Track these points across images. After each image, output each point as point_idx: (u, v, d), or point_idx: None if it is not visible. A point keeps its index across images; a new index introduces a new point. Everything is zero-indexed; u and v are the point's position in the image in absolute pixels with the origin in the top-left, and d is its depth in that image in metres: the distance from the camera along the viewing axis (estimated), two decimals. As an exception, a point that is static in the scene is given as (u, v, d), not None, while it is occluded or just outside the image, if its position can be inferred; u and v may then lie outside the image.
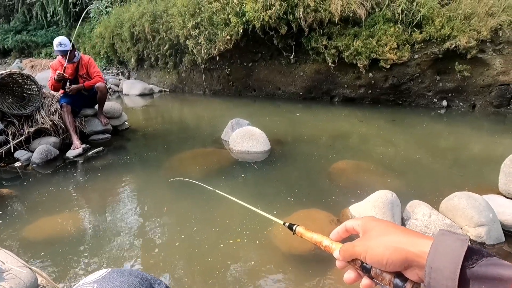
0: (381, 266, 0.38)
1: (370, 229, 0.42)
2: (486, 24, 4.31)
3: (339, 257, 0.44)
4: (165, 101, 6.86)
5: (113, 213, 2.13)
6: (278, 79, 6.01)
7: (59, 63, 3.43)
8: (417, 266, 0.35)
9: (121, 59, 8.31)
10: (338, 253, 0.44)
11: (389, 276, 0.38)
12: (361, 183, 2.43)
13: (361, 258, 0.40)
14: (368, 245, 0.40)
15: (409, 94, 5.13)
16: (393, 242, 0.38)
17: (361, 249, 0.40)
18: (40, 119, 3.29)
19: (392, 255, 0.37)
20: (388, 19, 4.68)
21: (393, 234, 0.39)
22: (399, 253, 0.36)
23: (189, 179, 1.25)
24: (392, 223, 0.42)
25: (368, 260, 0.39)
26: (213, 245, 1.72)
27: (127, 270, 0.53)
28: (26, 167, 2.92)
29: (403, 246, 0.36)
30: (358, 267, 0.42)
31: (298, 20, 4.83)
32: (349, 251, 0.42)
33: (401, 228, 0.40)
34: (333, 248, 0.45)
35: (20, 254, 1.60)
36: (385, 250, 0.37)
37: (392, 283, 0.38)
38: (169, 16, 6.28)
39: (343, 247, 0.43)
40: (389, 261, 0.37)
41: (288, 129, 4.08)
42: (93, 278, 0.51)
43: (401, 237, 0.38)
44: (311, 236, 0.50)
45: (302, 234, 0.52)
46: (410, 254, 0.36)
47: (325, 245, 0.47)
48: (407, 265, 0.36)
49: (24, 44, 11.53)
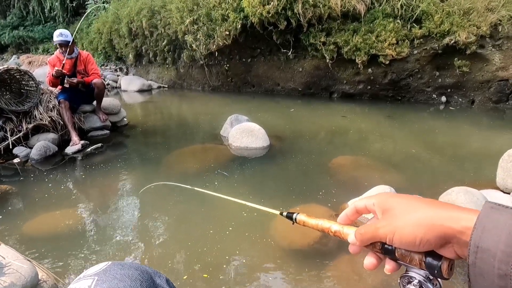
0: (412, 246, 0.34)
1: (392, 207, 0.37)
2: (485, 20, 4.29)
3: (355, 241, 0.40)
4: (164, 97, 6.84)
5: (112, 209, 2.13)
6: (277, 75, 5.99)
7: (56, 58, 3.41)
8: (457, 243, 0.32)
9: (119, 55, 8.26)
10: (354, 237, 0.40)
11: (419, 255, 0.35)
12: (360, 178, 2.43)
13: (387, 240, 0.36)
14: (395, 226, 0.35)
15: (408, 90, 5.12)
16: (427, 218, 0.33)
17: (386, 231, 0.36)
18: (39, 115, 3.27)
19: (428, 233, 0.33)
20: (387, 15, 4.66)
21: (424, 209, 0.34)
22: (436, 230, 0.32)
23: (166, 182, 1.25)
24: (415, 197, 0.37)
25: (396, 242, 0.35)
26: (212, 239, 1.72)
27: (127, 263, 0.53)
28: (25, 164, 2.91)
29: (441, 222, 0.32)
30: (378, 249, 0.38)
31: (297, 16, 4.80)
32: (370, 234, 0.38)
33: (429, 200, 0.36)
34: (346, 232, 0.41)
35: (20, 250, 1.61)
36: (418, 229, 0.33)
37: (423, 263, 0.35)
38: (167, 12, 6.24)
39: (361, 230, 0.39)
40: (423, 241, 0.33)
41: (287, 125, 4.08)
42: (93, 270, 0.51)
43: (435, 212, 0.33)
44: (316, 223, 0.45)
45: (305, 222, 0.47)
46: (450, 230, 0.31)
47: (335, 231, 0.42)
48: (444, 243, 0.33)
49: (21, 40, 11.43)
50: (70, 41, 3.33)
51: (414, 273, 0.36)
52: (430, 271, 0.35)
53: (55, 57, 3.43)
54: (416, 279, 0.36)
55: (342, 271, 1.49)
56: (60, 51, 3.40)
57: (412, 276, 0.36)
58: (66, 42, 3.30)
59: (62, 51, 3.38)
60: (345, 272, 1.49)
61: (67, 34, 3.33)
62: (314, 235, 1.69)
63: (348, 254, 1.60)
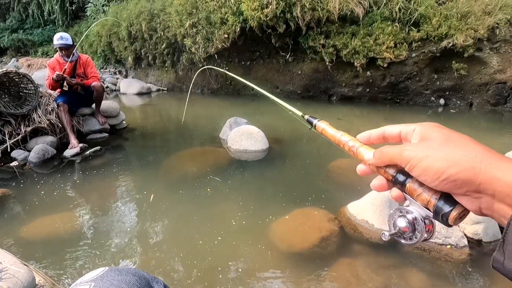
0: (432, 181, 0.31)
1: (434, 137, 0.33)
2: (483, 23, 4.32)
3: (372, 159, 0.37)
4: (163, 100, 6.84)
5: (111, 212, 2.12)
6: (276, 77, 6.01)
7: (56, 61, 3.41)
8: (493, 197, 0.28)
9: (119, 58, 8.28)
10: (372, 155, 0.37)
11: (431, 194, 0.32)
12: (359, 182, 2.43)
13: (407, 166, 0.33)
14: (426, 153, 0.31)
15: (406, 93, 5.14)
16: (469, 159, 0.29)
17: (412, 155, 0.32)
18: (37, 118, 3.27)
19: (460, 173, 0.29)
20: (385, 18, 4.69)
21: (472, 149, 0.30)
22: (472, 174, 0.29)
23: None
24: (467, 137, 0.33)
25: (417, 170, 0.32)
26: (211, 243, 1.72)
27: (124, 269, 0.53)
28: (23, 167, 2.90)
29: (485, 168, 0.28)
30: (390, 176, 0.36)
31: (295, 19, 4.83)
32: (391, 154, 0.35)
33: (482, 145, 0.31)
34: (361, 151, 0.39)
35: (17, 254, 1.59)
36: (452, 165, 0.29)
37: (432, 204, 0.32)
38: (167, 15, 6.26)
39: (383, 149, 0.36)
40: (450, 179, 0.30)
41: (286, 127, 4.08)
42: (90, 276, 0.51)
43: (484, 156, 0.29)
44: (334, 134, 0.43)
45: (324, 130, 0.45)
46: (494, 181, 0.28)
47: (351, 146, 0.40)
48: (472, 191, 0.29)
49: (20, 43, 11.44)
50: (71, 45, 3.34)
51: (414, 209, 0.34)
52: (435, 213, 0.32)
53: (55, 60, 3.43)
54: (412, 215, 0.34)
55: (341, 275, 1.48)
56: (60, 55, 3.41)
57: (410, 211, 0.35)
58: (67, 45, 3.31)
59: (62, 55, 3.38)
60: (344, 276, 1.48)
61: (67, 37, 3.33)
62: (313, 239, 1.69)
63: (347, 258, 1.60)
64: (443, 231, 1.64)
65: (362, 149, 0.39)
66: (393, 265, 1.55)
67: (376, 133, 0.40)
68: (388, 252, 1.64)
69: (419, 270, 1.50)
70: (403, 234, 0.36)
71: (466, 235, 1.67)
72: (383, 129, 0.39)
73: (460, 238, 1.62)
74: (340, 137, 0.42)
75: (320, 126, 0.46)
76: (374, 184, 0.38)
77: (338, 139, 0.42)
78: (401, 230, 0.35)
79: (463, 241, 1.61)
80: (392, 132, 0.38)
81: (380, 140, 0.40)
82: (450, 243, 1.62)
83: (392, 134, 0.38)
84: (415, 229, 0.34)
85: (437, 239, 1.64)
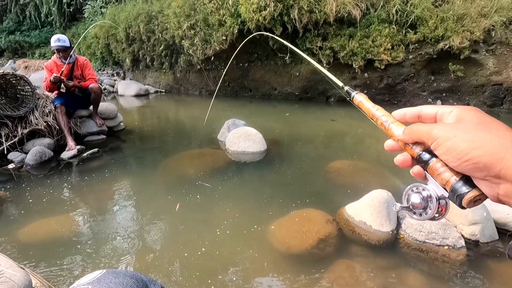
0: (455, 160, 0.31)
1: (467, 120, 0.33)
2: (478, 25, 4.36)
3: (401, 135, 0.38)
4: (161, 101, 6.83)
5: (108, 215, 2.11)
6: (274, 79, 6.02)
7: (53, 63, 3.40)
8: (511, 181, 0.28)
9: (117, 59, 8.26)
10: (402, 131, 0.38)
11: (451, 176, 0.33)
12: (357, 183, 2.44)
13: (433, 144, 0.34)
14: (455, 134, 0.32)
15: (404, 94, 5.17)
16: (497, 145, 0.29)
17: (441, 133, 0.33)
18: (34, 120, 3.25)
19: (484, 157, 0.29)
20: (382, 20, 4.72)
21: (503, 136, 0.30)
22: (496, 160, 0.29)
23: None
24: (504, 124, 0.33)
25: (442, 149, 0.33)
26: (209, 245, 1.71)
27: (122, 271, 0.53)
28: (20, 169, 2.89)
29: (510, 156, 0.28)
30: (415, 153, 0.37)
31: (293, 21, 4.85)
32: (421, 131, 0.35)
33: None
34: (391, 127, 0.40)
35: (14, 257, 1.58)
36: (478, 148, 0.30)
37: (450, 185, 0.33)
38: (165, 17, 6.27)
39: (413, 125, 0.37)
40: (472, 160, 0.30)
41: (284, 129, 4.09)
42: (87, 279, 0.50)
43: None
44: (370, 107, 0.44)
45: (360, 103, 0.46)
46: None
47: (383, 121, 0.41)
48: (493, 176, 0.29)
49: (18, 45, 11.39)
50: (68, 47, 3.33)
51: (431, 188, 0.36)
52: (451, 193, 0.33)
53: (52, 62, 3.42)
54: (428, 192, 0.36)
55: (340, 276, 1.48)
56: (58, 56, 3.40)
57: (426, 188, 0.36)
58: (64, 47, 3.30)
59: (59, 57, 3.38)
60: (342, 277, 1.48)
61: (65, 39, 3.32)
62: (312, 240, 1.69)
63: (345, 259, 1.60)
64: (441, 232, 1.64)
65: (393, 125, 0.40)
66: (391, 266, 1.55)
67: (412, 111, 0.40)
68: (386, 253, 1.64)
69: (417, 271, 1.51)
70: (414, 209, 0.38)
71: (463, 236, 1.68)
72: (420, 108, 0.39)
73: (458, 239, 1.63)
74: (374, 112, 0.43)
75: (358, 98, 0.47)
76: (398, 159, 0.39)
77: (372, 113, 0.44)
78: (413, 205, 0.37)
79: (461, 242, 1.62)
80: (428, 112, 0.38)
81: (415, 119, 0.40)
82: (448, 244, 1.62)
83: (429, 114, 0.38)
84: (427, 206, 0.36)
85: (435, 240, 1.64)
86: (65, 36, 3.39)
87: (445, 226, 1.66)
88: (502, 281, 1.46)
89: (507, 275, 1.50)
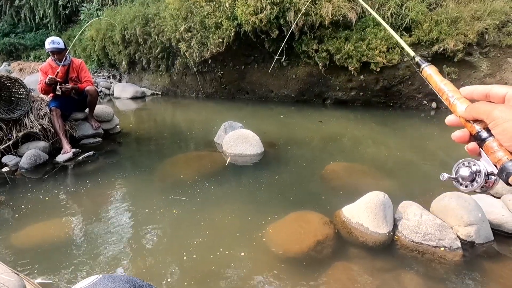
0: (507, 141, 0.34)
1: None
2: (472, 28, 4.42)
3: (464, 112, 0.39)
4: (157, 104, 6.81)
5: (104, 219, 2.09)
6: (271, 82, 6.04)
7: (49, 65, 3.38)
8: None
9: (113, 62, 8.24)
10: (464, 108, 0.39)
11: (504, 155, 0.35)
12: (354, 185, 2.45)
13: (492, 123, 0.35)
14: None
15: (399, 96, 5.21)
16: None
17: (500, 115, 0.34)
18: (29, 123, 3.23)
19: None
20: (378, 23, 4.76)
21: None
22: None
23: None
24: None
25: (498, 129, 0.35)
26: (206, 249, 1.70)
27: (118, 276, 0.52)
28: (14, 173, 2.85)
29: None
30: (476, 130, 0.38)
31: (289, 24, 4.87)
32: (482, 109, 0.36)
33: None
34: (457, 102, 0.40)
35: (8, 262, 1.56)
36: None
37: (501, 163, 0.35)
38: (161, 20, 6.26)
39: (477, 103, 0.38)
40: None
41: (281, 131, 4.09)
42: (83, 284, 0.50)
43: None
44: (438, 81, 0.44)
45: (430, 76, 0.46)
46: None
47: (449, 96, 0.42)
48: None
49: (12, 47, 11.31)
50: (63, 49, 3.32)
51: (482, 164, 0.38)
52: (500, 171, 0.35)
53: (47, 64, 3.40)
54: (478, 167, 0.38)
55: (337, 278, 1.48)
56: (52, 59, 3.38)
57: (477, 164, 0.38)
58: (58, 49, 3.28)
59: (54, 59, 3.36)
60: (340, 279, 1.48)
61: (59, 41, 3.31)
62: (309, 242, 1.69)
63: (342, 261, 1.60)
64: (437, 234, 1.65)
65: (458, 101, 0.40)
66: (388, 267, 1.56)
67: (481, 89, 0.40)
68: (383, 255, 1.65)
69: (414, 272, 1.51)
70: (461, 181, 0.41)
71: (459, 237, 1.69)
72: (490, 88, 0.39)
73: (454, 240, 1.64)
74: (442, 86, 0.43)
75: (427, 71, 0.46)
76: (456, 134, 0.41)
77: (439, 87, 0.44)
78: (461, 177, 0.40)
79: (457, 243, 1.63)
80: (498, 92, 0.38)
81: (483, 97, 0.40)
82: (444, 245, 1.63)
83: (498, 94, 0.38)
84: (474, 180, 0.39)
85: (431, 241, 1.65)
86: (59, 38, 3.37)
87: (441, 228, 1.67)
88: (498, 281, 1.47)
89: (502, 276, 1.51)
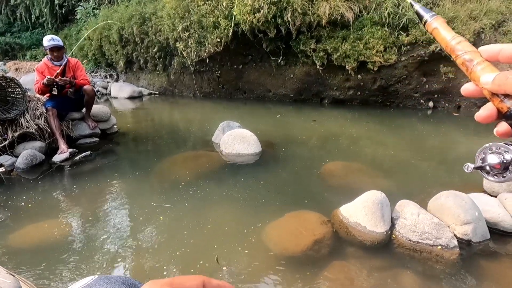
0: None
1: None
2: (468, 28, 4.44)
3: (491, 84, 0.31)
4: (154, 104, 6.79)
5: (101, 219, 2.08)
6: (269, 81, 6.03)
7: (45, 65, 3.36)
8: None
9: (110, 61, 8.19)
10: (491, 78, 0.31)
11: None
12: (351, 184, 2.45)
13: None
14: None
15: (397, 96, 5.23)
16: None
17: None
18: (25, 123, 3.20)
19: None
20: (375, 22, 4.77)
21: None
22: None
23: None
24: None
25: None
26: (204, 247, 1.70)
27: (114, 277, 0.52)
28: (10, 173, 2.83)
29: None
30: (507, 107, 0.31)
31: (286, 24, 4.87)
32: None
33: None
34: (480, 69, 0.32)
35: (4, 263, 1.55)
36: None
37: None
38: (158, 19, 6.24)
39: (507, 73, 0.30)
40: None
41: (278, 131, 4.09)
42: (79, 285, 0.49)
43: None
44: (447, 37, 0.34)
45: (435, 30, 0.35)
46: None
47: (466, 60, 0.33)
48: None
49: (8, 46, 11.22)
50: (62, 46, 3.33)
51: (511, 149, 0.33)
52: None
53: (43, 64, 3.37)
54: (508, 154, 0.33)
55: (335, 277, 1.49)
56: (49, 58, 3.36)
57: (509, 150, 0.33)
58: (58, 46, 3.28)
59: (52, 58, 3.34)
60: (337, 278, 1.48)
61: (58, 39, 3.31)
62: (307, 241, 1.69)
63: (340, 260, 1.61)
64: (434, 232, 1.66)
65: (480, 68, 0.32)
66: (385, 266, 1.56)
67: (507, 47, 0.31)
68: (380, 253, 1.65)
69: (411, 271, 1.52)
70: (491, 170, 0.34)
71: (456, 235, 1.70)
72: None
73: (450, 239, 1.65)
74: (453, 45, 0.33)
75: (432, 24, 0.36)
76: (480, 114, 0.33)
77: (451, 46, 0.34)
78: (490, 166, 0.34)
79: (453, 242, 1.64)
80: None
81: (502, 57, 0.32)
82: (441, 244, 1.64)
83: None
84: (507, 169, 0.33)
85: (428, 240, 1.66)
86: (57, 37, 3.37)
87: (438, 226, 1.68)
88: (494, 279, 1.48)
89: (499, 274, 1.52)
